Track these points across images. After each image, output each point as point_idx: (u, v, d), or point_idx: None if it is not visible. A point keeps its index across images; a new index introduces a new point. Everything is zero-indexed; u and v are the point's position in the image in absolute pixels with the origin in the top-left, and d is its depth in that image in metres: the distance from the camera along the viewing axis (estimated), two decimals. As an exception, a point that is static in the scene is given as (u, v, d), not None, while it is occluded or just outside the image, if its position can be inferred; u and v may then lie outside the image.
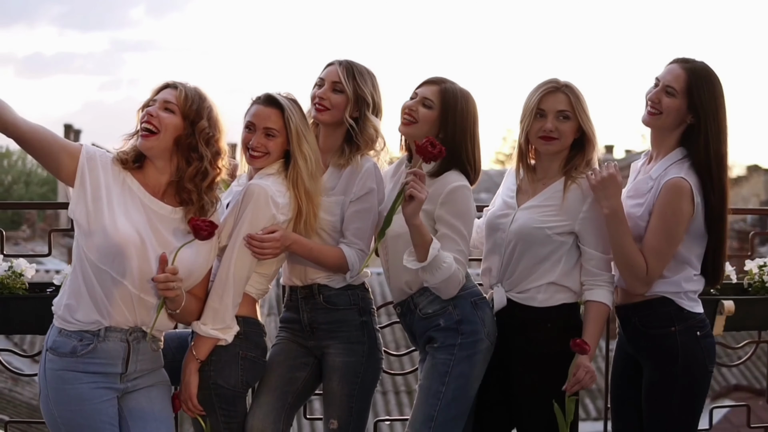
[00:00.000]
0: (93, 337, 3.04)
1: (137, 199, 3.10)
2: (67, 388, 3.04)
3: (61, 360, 3.05)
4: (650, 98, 3.48)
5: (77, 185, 3.04)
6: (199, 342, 3.25)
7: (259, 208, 3.23)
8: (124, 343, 3.09)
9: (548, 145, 3.45)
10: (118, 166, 3.11)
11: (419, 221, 3.25)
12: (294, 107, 3.36)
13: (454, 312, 3.42)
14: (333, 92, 3.53)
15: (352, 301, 3.53)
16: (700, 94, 3.39)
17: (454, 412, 3.39)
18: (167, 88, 3.17)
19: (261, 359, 3.42)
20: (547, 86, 3.47)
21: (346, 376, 3.52)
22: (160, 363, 3.27)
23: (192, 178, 3.12)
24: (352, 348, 3.52)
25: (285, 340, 3.64)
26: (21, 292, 3.80)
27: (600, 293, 3.43)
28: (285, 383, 3.54)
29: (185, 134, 3.11)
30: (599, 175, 3.34)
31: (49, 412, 3.08)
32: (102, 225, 3.00)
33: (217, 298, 3.23)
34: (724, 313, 3.99)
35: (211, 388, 3.28)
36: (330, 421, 3.53)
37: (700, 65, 3.45)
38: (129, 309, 3.06)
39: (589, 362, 3.38)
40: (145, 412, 3.16)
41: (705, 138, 3.38)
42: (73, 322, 3.05)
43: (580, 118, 3.43)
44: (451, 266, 3.29)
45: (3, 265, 3.82)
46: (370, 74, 3.61)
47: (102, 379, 3.07)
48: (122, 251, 2.99)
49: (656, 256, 3.36)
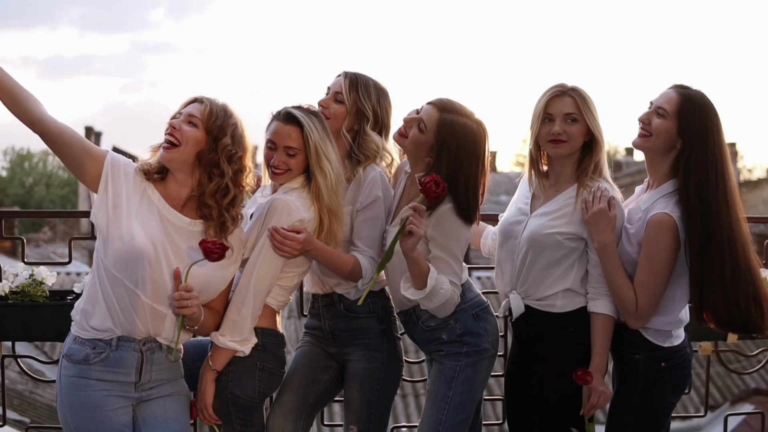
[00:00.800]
0: (105, 345, 3.09)
1: (155, 209, 3.13)
2: (80, 395, 3.09)
3: (75, 367, 3.10)
4: (641, 119, 3.47)
5: (100, 191, 3.09)
6: (217, 353, 3.28)
7: (282, 224, 3.25)
8: (137, 353, 3.13)
9: (558, 148, 3.46)
10: (141, 176, 3.16)
11: (417, 254, 3.28)
12: (313, 123, 3.35)
13: (456, 326, 3.47)
14: (334, 102, 3.58)
15: (371, 309, 3.57)
16: (690, 119, 3.35)
17: (461, 416, 3.46)
18: (194, 102, 3.20)
19: (279, 370, 3.43)
20: (553, 90, 3.48)
21: (366, 383, 3.57)
22: (179, 373, 3.30)
23: (213, 194, 3.15)
24: (372, 355, 3.57)
25: (309, 344, 3.71)
26: (42, 300, 3.85)
27: (602, 304, 3.43)
28: (308, 384, 3.59)
29: (207, 149, 3.14)
30: (591, 210, 3.36)
31: (64, 417, 3.13)
32: (119, 232, 3.04)
33: (236, 310, 3.25)
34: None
35: (228, 398, 3.30)
36: (350, 427, 3.58)
37: (695, 92, 3.41)
38: (142, 319, 3.10)
39: (602, 381, 3.41)
40: (158, 420, 3.20)
41: (687, 163, 3.34)
42: (87, 329, 3.10)
43: (587, 120, 3.43)
44: (447, 292, 3.34)
45: (24, 273, 3.88)
46: (378, 89, 3.62)
47: (115, 387, 3.11)
48: (135, 260, 3.03)
49: (644, 291, 3.35)
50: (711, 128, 3.36)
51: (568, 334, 3.48)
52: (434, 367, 3.54)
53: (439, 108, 3.39)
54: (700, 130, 3.34)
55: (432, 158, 3.38)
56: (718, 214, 3.30)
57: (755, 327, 3.39)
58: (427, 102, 3.44)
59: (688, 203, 3.30)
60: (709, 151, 3.33)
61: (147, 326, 3.12)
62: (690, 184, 3.32)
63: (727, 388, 13.78)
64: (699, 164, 3.33)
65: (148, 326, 3.12)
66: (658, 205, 3.38)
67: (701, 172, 3.32)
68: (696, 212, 3.29)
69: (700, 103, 3.38)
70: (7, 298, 3.85)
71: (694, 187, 3.31)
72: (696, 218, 3.29)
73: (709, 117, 3.37)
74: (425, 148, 3.39)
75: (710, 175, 3.32)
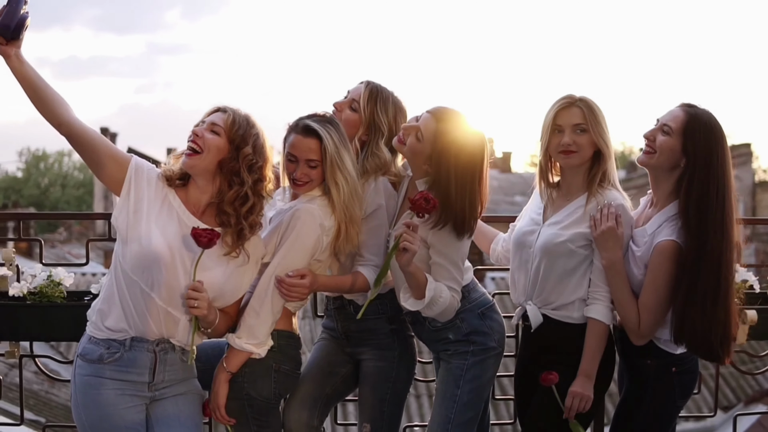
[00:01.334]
0: (120, 346, 3.14)
1: (175, 215, 3.19)
2: (93, 393, 3.14)
3: (90, 366, 3.15)
4: (646, 135, 3.48)
5: (123, 194, 3.15)
6: (232, 355, 3.32)
7: (306, 233, 3.31)
8: (150, 354, 3.18)
9: (568, 158, 3.48)
10: (163, 182, 3.21)
11: (413, 268, 3.32)
12: (331, 134, 3.37)
13: (462, 325, 3.52)
14: (349, 108, 3.62)
15: (380, 310, 3.61)
16: (695, 138, 3.35)
17: (469, 414, 3.53)
18: (218, 111, 3.25)
19: (295, 372, 3.48)
20: (561, 102, 3.49)
21: (378, 382, 3.63)
22: (192, 373, 3.35)
23: (231, 202, 3.20)
24: (383, 354, 3.63)
25: (326, 340, 3.78)
26: (59, 301, 3.91)
27: (596, 309, 3.45)
28: (324, 375, 3.66)
29: (229, 158, 3.19)
30: (599, 228, 3.38)
31: (78, 415, 3.19)
32: (137, 236, 3.10)
33: (254, 314, 3.30)
34: (747, 323, 4.00)
35: (244, 399, 3.34)
36: (363, 425, 3.64)
37: (702, 111, 3.41)
38: (156, 321, 3.15)
39: (584, 384, 3.44)
40: (170, 418, 3.24)
41: (689, 183, 3.35)
42: (102, 329, 3.16)
43: (594, 131, 3.44)
44: (447, 300, 3.38)
45: (42, 275, 3.94)
46: (396, 105, 3.64)
47: (129, 387, 3.16)
48: (152, 264, 3.09)
49: (648, 312, 3.38)
50: (716, 149, 3.36)
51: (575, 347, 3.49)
52: (442, 366, 3.60)
53: (437, 118, 3.40)
54: (704, 150, 3.35)
55: (429, 167, 3.40)
56: (713, 237, 3.31)
57: (716, 356, 3.40)
58: (426, 110, 3.45)
59: (688, 224, 3.32)
60: (712, 172, 3.34)
61: (160, 328, 3.17)
62: (690, 205, 3.33)
63: (741, 388, 13.78)
64: (701, 184, 3.33)
65: (162, 328, 3.17)
66: (665, 230, 3.39)
67: (702, 192, 3.33)
68: (693, 233, 3.30)
69: (706, 122, 3.38)
70: (25, 298, 3.90)
71: (694, 208, 3.32)
72: (692, 239, 3.30)
73: (714, 137, 3.37)
74: (422, 157, 3.41)
75: (711, 196, 3.33)
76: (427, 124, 3.39)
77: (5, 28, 2.97)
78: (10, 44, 3.00)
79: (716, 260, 3.31)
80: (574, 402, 3.43)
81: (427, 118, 3.40)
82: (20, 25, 3.01)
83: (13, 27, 2.98)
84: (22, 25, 3.02)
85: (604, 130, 3.47)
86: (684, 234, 3.32)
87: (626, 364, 3.63)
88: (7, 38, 2.99)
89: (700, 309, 3.30)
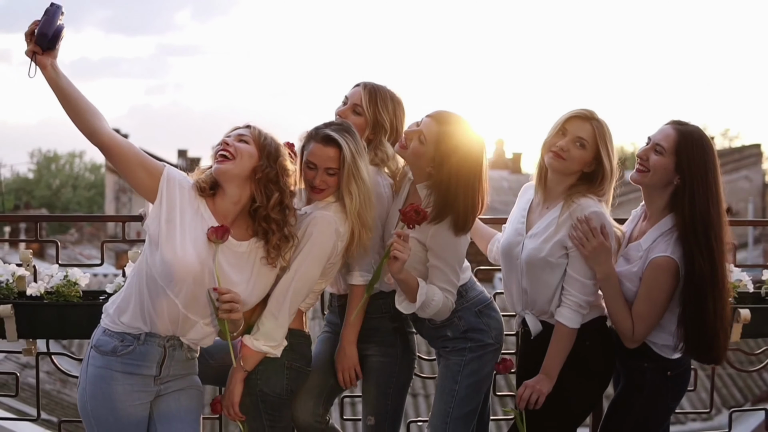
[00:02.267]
0: (134, 339, 3.25)
1: (207, 227, 3.23)
2: (104, 386, 3.24)
3: (103, 358, 3.25)
4: (639, 155, 3.55)
5: (156, 204, 3.21)
6: (249, 355, 3.42)
7: (324, 240, 3.41)
8: (161, 348, 3.28)
9: (554, 160, 3.53)
10: (195, 192, 3.27)
11: (404, 275, 3.42)
12: (349, 143, 3.46)
13: (460, 323, 3.65)
14: (352, 113, 3.74)
15: (383, 309, 3.74)
16: (689, 156, 3.42)
17: (467, 408, 3.66)
18: (238, 129, 3.33)
19: (305, 368, 3.59)
20: (579, 111, 3.55)
21: (382, 376, 3.77)
22: (193, 370, 3.46)
23: (274, 209, 3.28)
24: (386, 351, 3.77)
25: (330, 334, 3.90)
26: (75, 300, 4.03)
27: (562, 313, 3.53)
28: (329, 367, 3.76)
29: (263, 165, 3.25)
30: (588, 247, 3.44)
31: (83, 403, 3.29)
32: (171, 247, 3.16)
33: (272, 317, 3.39)
34: (741, 321, 4.12)
35: (257, 395, 3.46)
36: (368, 418, 3.80)
37: (692, 128, 3.49)
38: (173, 323, 3.25)
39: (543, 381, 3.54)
40: (172, 413, 3.36)
41: (691, 200, 3.41)
42: (118, 323, 3.26)
43: (599, 151, 3.50)
44: (439, 302, 3.49)
45: (59, 275, 4.07)
46: (395, 101, 3.78)
47: (137, 382, 3.27)
48: (182, 277, 3.16)
49: (642, 321, 3.47)
50: (709, 165, 3.44)
51: (585, 347, 3.58)
52: (441, 363, 3.74)
53: (438, 121, 3.49)
54: (699, 167, 3.43)
55: (432, 168, 3.50)
56: (717, 250, 3.41)
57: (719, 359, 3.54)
58: (426, 115, 3.54)
59: (696, 239, 3.38)
60: (709, 187, 3.42)
61: (175, 328, 3.28)
62: (696, 221, 3.39)
63: (749, 388, 13.83)
64: (703, 201, 3.41)
65: (177, 329, 3.28)
66: (660, 246, 3.47)
67: (705, 208, 3.41)
68: (701, 250, 3.38)
69: (698, 139, 3.46)
70: (42, 297, 4.02)
71: (700, 223, 3.39)
72: (699, 256, 3.38)
73: (707, 153, 3.44)
74: (425, 159, 3.49)
75: (712, 211, 3.42)
76: (429, 127, 3.48)
77: (43, 36, 3.01)
78: (46, 54, 3.05)
79: (721, 272, 3.43)
80: (525, 393, 3.54)
81: (429, 122, 3.50)
82: (57, 35, 3.05)
83: (50, 36, 3.03)
84: (59, 36, 3.06)
85: (611, 155, 3.52)
86: (686, 252, 3.40)
87: (622, 365, 3.71)
88: (44, 48, 3.03)
89: (709, 319, 3.40)
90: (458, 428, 3.66)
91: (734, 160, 32.61)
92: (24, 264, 4.19)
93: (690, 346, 3.46)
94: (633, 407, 3.63)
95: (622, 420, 3.66)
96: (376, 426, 3.80)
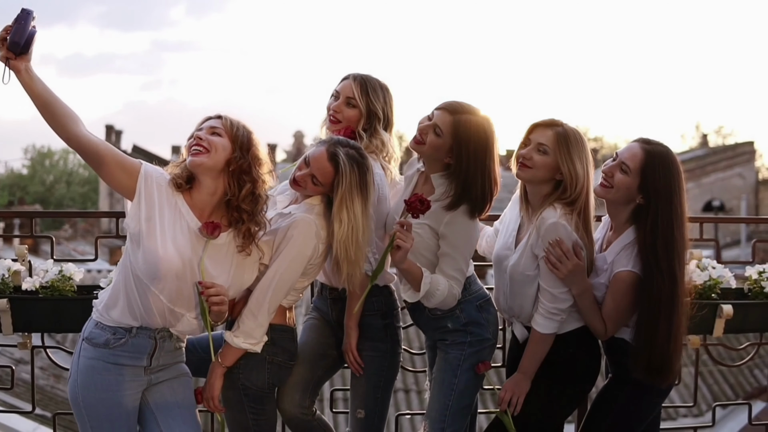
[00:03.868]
0: (125, 332, 3.30)
1: (185, 223, 3.29)
2: (96, 377, 3.29)
3: (95, 350, 3.30)
4: (604, 171, 3.61)
5: (135, 202, 3.25)
6: (229, 352, 3.47)
7: (303, 243, 3.44)
8: (151, 340, 3.34)
9: (519, 170, 3.59)
10: (173, 188, 3.31)
11: (407, 265, 3.50)
12: (350, 173, 3.44)
13: (461, 315, 3.69)
14: (346, 106, 3.79)
15: (375, 307, 3.80)
16: (654, 177, 3.48)
17: (466, 401, 3.73)
18: (210, 119, 3.36)
19: (288, 363, 3.63)
20: (542, 120, 3.61)
21: (372, 371, 3.83)
22: (181, 358, 3.52)
23: (245, 199, 3.32)
24: (376, 346, 3.83)
25: (317, 320, 3.96)
26: (70, 294, 4.08)
27: (534, 318, 3.61)
28: (318, 358, 3.84)
29: (237, 156, 3.29)
30: (563, 270, 3.48)
31: (75, 395, 3.34)
32: (151, 246, 3.21)
33: (252, 316, 3.43)
34: (723, 317, 4.19)
35: (240, 389, 3.52)
36: (357, 411, 3.87)
37: (660, 148, 3.54)
38: (161, 316, 3.31)
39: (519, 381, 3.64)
40: (169, 402, 3.42)
41: (653, 221, 3.47)
42: (108, 318, 3.32)
43: (558, 158, 3.50)
44: (445, 291, 3.56)
45: (54, 269, 4.12)
46: (384, 89, 3.85)
47: (128, 372, 3.32)
48: (164, 274, 3.22)
49: (611, 321, 3.57)
50: (674, 187, 3.50)
51: (568, 355, 3.67)
52: (439, 356, 3.77)
53: (451, 111, 3.54)
54: (665, 189, 3.49)
55: (451, 158, 3.55)
56: (680, 272, 3.50)
57: (667, 380, 3.59)
58: (435, 108, 3.59)
59: (656, 259, 3.45)
60: (674, 209, 3.49)
61: (164, 321, 3.34)
62: (657, 241, 3.46)
63: (740, 385, 13.90)
64: (666, 223, 3.48)
65: (165, 321, 3.34)
66: (622, 260, 3.56)
67: (668, 230, 3.48)
68: (660, 270, 3.45)
69: (664, 161, 3.52)
70: (37, 292, 4.07)
71: (662, 248, 3.46)
72: (659, 276, 3.45)
73: (672, 175, 3.51)
74: (443, 151, 3.55)
75: (676, 233, 3.48)
76: (443, 118, 3.54)
77: (15, 45, 3.04)
78: (20, 59, 3.07)
79: (680, 293, 3.50)
80: (506, 396, 3.64)
81: (442, 114, 3.55)
82: (29, 40, 3.08)
83: (23, 43, 3.05)
84: (31, 41, 3.09)
85: (571, 160, 3.51)
86: (644, 267, 3.48)
87: (610, 360, 3.81)
88: (17, 53, 3.06)
89: (662, 342, 3.47)
90: (456, 421, 3.72)
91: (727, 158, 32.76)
92: (19, 259, 4.25)
93: (639, 366, 3.52)
94: (616, 400, 3.70)
95: (605, 413, 3.74)
96: (366, 419, 3.86)
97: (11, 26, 3.07)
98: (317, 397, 3.87)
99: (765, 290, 4.41)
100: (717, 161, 32.59)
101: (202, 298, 3.27)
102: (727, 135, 50.13)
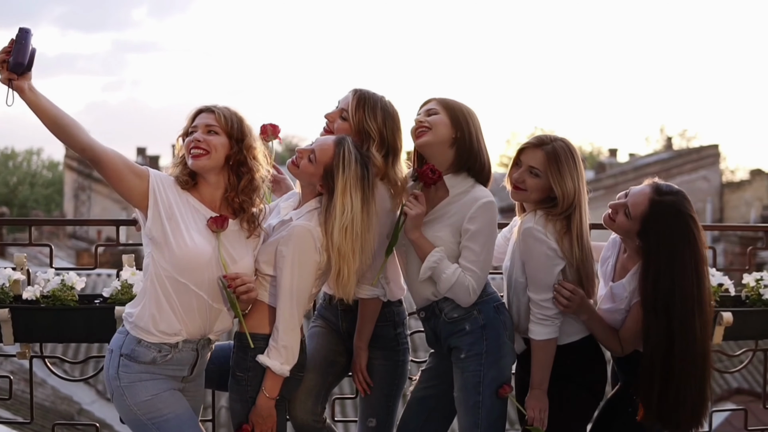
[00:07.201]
0: (171, 348, 3.34)
1: (202, 216, 3.36)
2: (142, 385, 3.31)
3: (139, 366, 3.31)
4: (611, 205, 3.63)
5: (151, 206, 3.27)
6: (273, 381, 3.41)
7: (305, 252, 3.39)
8: (194, 352, 3.40)
9: (515, 192, 3.67)
10: (179, 187, 3.37)
11: (416, 235, 3.55)
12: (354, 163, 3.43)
13: (479, 317, 3.65)
14: (340, 118, 3.71)
15: (387, 317, 3.81)
16: (656, 230, 3.47)
17: (495, 415, 3.67)
18: (202, 113, 3.40)
19: (297, 374, 3.56)
20: (530, 141, 3.67)
21: (384, 380, 3.85)
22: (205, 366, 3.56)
23: (244, 190, 3.39)
24: (388, 355, 3.85)
25: (323, 327, 3.94)
26: (72, 304, 4.06)
27: (530, 328, 3.65)
28: (327, 365, 3.85)
29: (234, 151, 3.36)
30: (572, 306, 3.55)
31: (128, 409, 3.34)
32: (182, 240, 3.27)
33: (287, 337, 3.38)
34: (723, 324, 4.24)
35: (249, 402, 3.48)
36: (368, 420, 3.88)
37: (669, 200, 3.50)
38: (203, 317, 3.35)
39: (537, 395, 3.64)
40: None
41: (654, 277, 3.45)
42: (155, 333, 3.31)
43: (551, 179, 3.54)
44: (451, 277, 3.55)
45: (56, 279, 4.10)
46: (386, 111, 3.66)
47: (172, 381, 3.38)
48: (199, 265, 3.28)
49: (627, 342, 3.66)
50: (679, 241, 3.47)
51: (566, 365, 3.68)
52: (456, 373, 3.70)
53: (437, 99, 3.67)
54: (667, 243, 3.46)
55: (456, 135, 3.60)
56: (688, 326, 3.46)
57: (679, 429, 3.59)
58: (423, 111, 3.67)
59: (655, 314, 3.45)
60: (682, 263, 3.46)
61: (206, 325, 3.38)
62: (658, 306, 3.45)
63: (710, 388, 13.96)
64: (668, 282, 3.44)
65: (206, 324, 3.38)
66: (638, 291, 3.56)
67: (669, 292, 3.45)
68: (659, 330, 3.46)
69: (670, 214, 3.49)
70: (38, 301, 4.05)
71: (662, 310, 3.45)
72: (657, 336, 3.46)
73: (678, 228, 3.48)
74: (451, 127, 3.61)
75: (686, 290, 3.46)
76: (432, 103, 3.67)
77: (19, 65, 3.01)
78: (22, 78, 3.05)
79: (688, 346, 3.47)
80: (535, 414, 3.62)
81: (429, 102, 3.68)
82: (31, 59, 3.06)
83: (26, 63, 3.03)
84: (33, 59, 3.07)
85: (562, 179, 3.54)
86: (645, 317, 3.49)
87: (618, 366, 3.86)
88: (19, 74, 3.03)
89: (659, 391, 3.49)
90: None
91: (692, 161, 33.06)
92: (18, 268, 4.21)
93: (650, 415, 3.55)
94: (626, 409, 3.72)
95: (615, 419, 3.78)
96: (377, 428, 3.87)
97: (10, 47, 3.05)
98: (327, 403, 3.88)
99: (763, 297, 4.47)
100: (682, 164, 32.86)
101: (229, 291, 3.30)
102: (692, 138, 50.71)
